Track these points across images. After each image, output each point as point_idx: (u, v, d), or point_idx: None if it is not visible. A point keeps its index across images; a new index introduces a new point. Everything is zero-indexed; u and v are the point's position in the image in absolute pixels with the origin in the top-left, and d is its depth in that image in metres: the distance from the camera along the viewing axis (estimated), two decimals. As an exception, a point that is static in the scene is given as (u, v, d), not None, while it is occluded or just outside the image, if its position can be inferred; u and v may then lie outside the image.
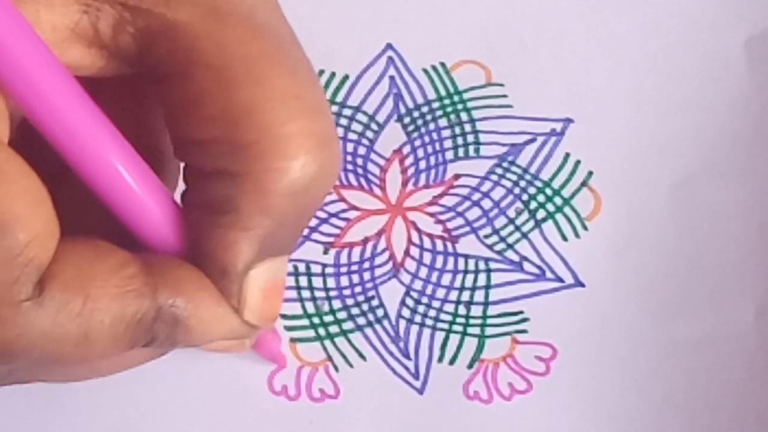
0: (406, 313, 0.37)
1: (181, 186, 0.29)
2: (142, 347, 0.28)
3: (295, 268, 0.37)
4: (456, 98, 0.38)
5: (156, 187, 0.28)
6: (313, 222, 0.37)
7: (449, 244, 0.37)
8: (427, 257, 0.37)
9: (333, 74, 0.38)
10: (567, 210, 0.38)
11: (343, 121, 0.38)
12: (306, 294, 0.37)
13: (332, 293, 0.37)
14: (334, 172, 0.28)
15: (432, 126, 0.38)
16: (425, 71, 0.38)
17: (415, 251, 0.37)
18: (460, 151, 0.38)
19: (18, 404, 0.36)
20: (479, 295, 0.37)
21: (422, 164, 0.38)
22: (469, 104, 0.38)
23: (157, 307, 0.27)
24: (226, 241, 0.27)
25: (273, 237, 0.28)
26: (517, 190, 0.38)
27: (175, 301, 0.27)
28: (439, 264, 0.37)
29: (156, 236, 0.28)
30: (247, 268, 0.28)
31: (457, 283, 0.37)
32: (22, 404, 0.36)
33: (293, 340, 0.37)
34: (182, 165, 0.29)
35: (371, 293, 0.37)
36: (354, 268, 0.37)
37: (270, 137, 0.26)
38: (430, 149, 0.38)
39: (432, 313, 0.37)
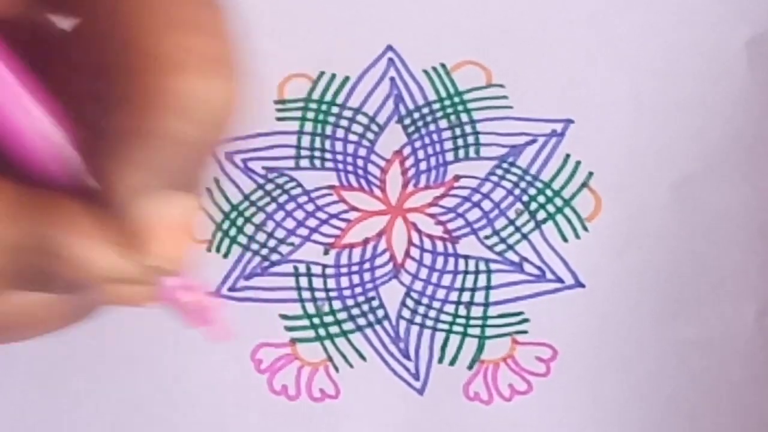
0: (406, 313, 0.38)
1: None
2: (33, 287, 0.27)
3: (296, 268, 0.38)
4: (456, 99, 0.39)
5: (36, 114, 0.26)
6: (314, 223, 0.38)
7: (449, 245, 0.38)
8: (427, 258, 0.38)
9: (333, 75, 0.39)
10: (567, 211, 0.38)
11: (344, 123, 0.39)
12: (306, 294, 0.38)
13: (332, 294, 0.38)
14: (228, 98, 0.26)
15: (432, 127, 0.39)
16: (426, 72, 0.39)
17: (415, 252, 0.38)
18: (461, 152, 0.38)
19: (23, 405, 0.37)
20: (479, 296, 0.38)
21: (423, 165, 0.38)
22: (470, 105, 0.39)
23: (32, 234, 0.26)
24: (107, 170, 0.26)
25: (158, 166, 0.26)
26: (517, 191, 0.38)
27: (51, 230, 0.26)
28: (439, 265, 0.38)
29: (33, 163, 0.27)
30: (132, 199, 0.26)
31: (458, 284, 0.38)
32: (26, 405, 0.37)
33: (293, 341, 0.37)
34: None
35: (371, 294, 0.38)
36: (354, 268, 0.38)
37: (146, 55, 0.25)
38: (430, 150, 0.39)
39: (432, 313, 0.38)
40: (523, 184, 0.38)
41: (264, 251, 0.38)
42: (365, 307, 0.38)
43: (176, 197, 0.26)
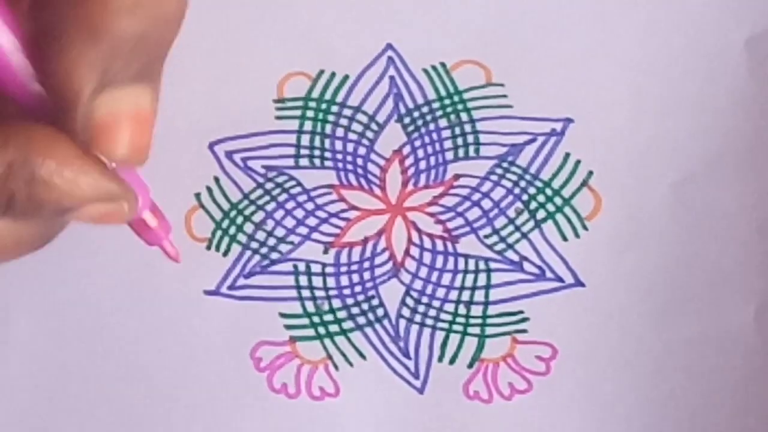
0: (406, 312, 0.38)
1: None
2: (6, 214, 0.28)
3: (295, 267, 0.38)
4: (456, 98, 0.39)
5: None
6: (313, 222, 0.38)
7: (449, 244, 0.38)
8: (427, 257, 0.38)
9: (333, 74, 0.39)
10: (567, 210, 0.38)
11: (344, 121, 0.39)
12: (306, 293, 0.38)
13: (332, 293, 0.38)
14: None
15: (432, 126, 0.39)
16: (425, 71, 0.39)
17: (415, 251, 0.38)
18: (460, 152, 0.39)
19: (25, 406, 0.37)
20: (479, 295, 0.38)
21: (422, 164, 0.39)
22: (469, 104, 0.39)
23: (7, 162, 0.26)
24: (61, 71, 0.26)
25: (113, 60, 0.27)
26: (517, 191, 0.38)
27: (27, 156, 0.27)
28: (439, 264, 0.38)
29: (6, 85, 0.27)
30: (92, 95, 0.27)
31: (457, 283, 0.38)
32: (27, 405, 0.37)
33: (293, 339, 0.37)
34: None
35: (371, 293, 0.38)
36: (354, 267, 0.38)
37: None
38: (430, 149, 0.39)
39: (432, 312, 0.38)
40: (522, 183, 0.39)
41: (264, 250, 0.38)
42: (365, 306, 0.38)
43: (134, 89, 0.27)
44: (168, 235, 0.34)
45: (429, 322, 0.38)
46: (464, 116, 0.39)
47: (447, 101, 0.39)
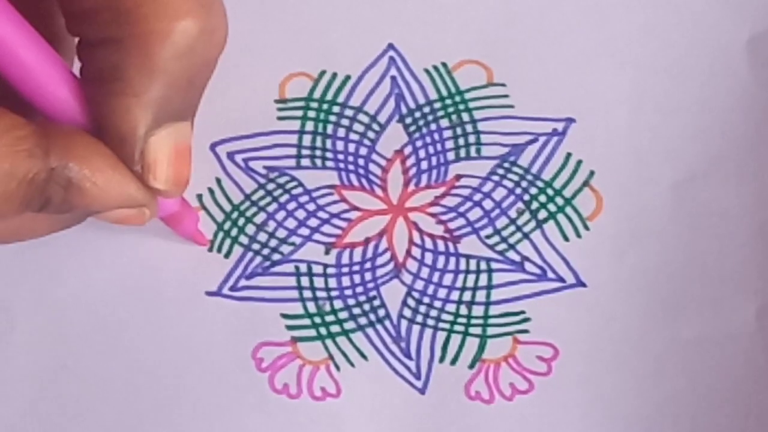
0: (407, 313, 0.38)
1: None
2: (40, 212, 0.29)
3: (297, 268, 0.38)
4: (457, 98, 0.39)
5: (52, 58, 0.29)
6: (315, 222, 0.38)
7: (451, 245, 0.38)
8: (428, 257, 0.38)
9: (335, 75, 0.39)
10: (568, 210, 0.39)
11: (345, 122, 0.39)
12: (308, 294, 0.38)
13: (334, 293, 0.38)
14: (220, 34, 0.30)
15: (433, 126, 0.39)
16: (427, 71, 0.39)
17: (416, 251, 0.38)
18: (462, 152, 0.39)
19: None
20: (481, 295, 0.38)
21: (424, 165, 0.39)
22: (471, 104, 0.39)
23: (48, 168, 0.29)
24: (119, 109, 0.29)
25: (166, 101, 0.29)
26: (518, 191, 0.39)
27: (68, 163, 0.29)
28: (440, 264, 0.38)
29: (54, 106, 0.30)
30: (145, 134, 0.29)
31: (459, 284, 0.38)
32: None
33: (295, 339, 0.38)
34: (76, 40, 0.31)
35: (373, 293, 0.38)
36: (356, 268, 0.38)
37: (150, 1, 0.28)
38: (431, 149, 0.39)
39: (433, 313, 0.38)
40: (524, 184, 0.39)
41: (265, 251, 0.38)
42: (366, 307, 0.38)
43: (176, 127, 0.30)
44: (197, 224, 0.38)
45: (430, 322, 0.38)
46: (466, 116, 0.39)
47: (448, 101, 0.39)
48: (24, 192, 0.28)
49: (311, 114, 0.39)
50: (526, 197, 0.39)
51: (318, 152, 0.39)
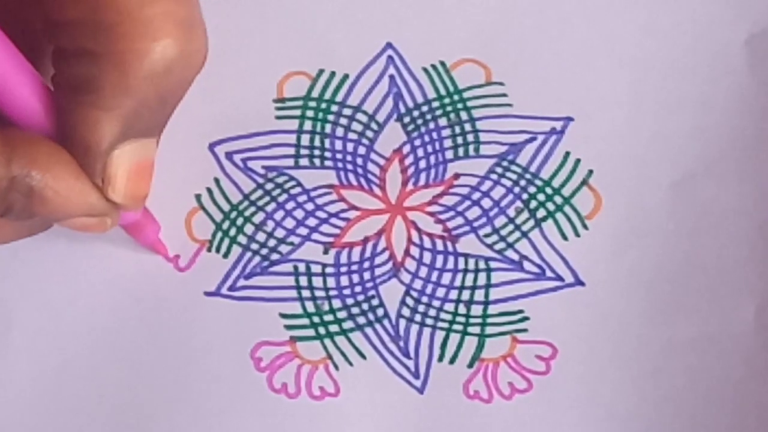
0: (406, 312, 0.38)
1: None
2: (1, 218, 0.30)
3: (296, 268, 0.38)
4: (456, 97, 0.39)
5: (20, 64, 0.30)
6: (313, 222, 0.38)
7: (449, 244, 0.38)
8: (427, 257, 0.38)
9: (333, 73, 0.39)
10: (567, 209, 0.39)
11: (343, 121, 0.39)
12: (306, 294, 0.38)
13: (332, 293, 0.38)
14: (198, 57, 0.30)
15: (432, 125, 0.39)
16: (425, 70, 0.39)
17: (415, 251, 0.38)
18: (460, 151, 0.39)
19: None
20: (479, 295, 0.38)
21: (422, 164, 0.39)
22: (469, 103, 0.39)
23: (10, 177, 0.29)
24: (88, 120, 0.29)
25: (136, 118, 0.29)
26: (517, 190, 0.39)
27: (30, 172, 0.29)
28: (439, 263, 0.38)
29: (19, 112, 0.30)
30: (110, 147, 0.30)
31: (457, 283, 0.38)
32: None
33: (293, 339, 0.38)
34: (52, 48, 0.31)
35: (371, 293, 0.38)
36: (354, 267, 0.38)
37: (131, 19, 0.28)
38: (430, 148, 0.39)
39: (432, 312, 0.38)
40: (522, 182, 0.39)
41: (264, 251, 0.38)
42: (365, 306, 0.38)
43: (141, 143, 0.30)
44: (158, 234, 0.37)
45: (429, 321, 0.38)
46: (464, 115, 0.39)
47: (447, 100, 0.39)
48: None
49: (309, 113, 0.39)
50: (525, 196, 0.39)
51: (316, 152, 0.39)
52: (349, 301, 0.38)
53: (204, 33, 0.30)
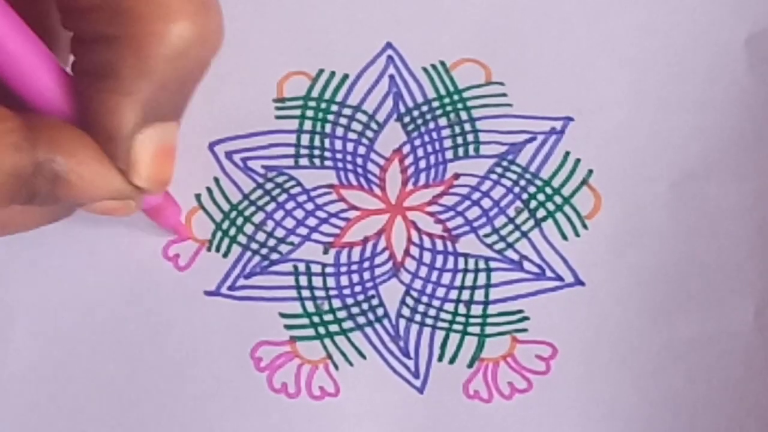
0: (406, 312, 0.38)
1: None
2: (26, 204, 0.30)
3: (295, 267, 0.38)
4: (456, 97, 0.39)
5: (41, 51, 0.30)
6: (313, 222, 0.38)
7: (449, 244, 0.39)
8: (427, 256, 0.39)
9: (333, 73, 0.39)
10: (567, 209, 0.39)
11: (343, 121, 0.39)
12: (306, 293, 0.38)
13: (332, 293, 0.38)
14: (215, 38, 0.30)
15: (432, 125, 0.39)
16: (425, 70, 0.40)
17: (415, 251, 0.39)
18: (460, 151, 0.39)
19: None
20: (479, 294, 0.38)
21: (422, 163, 0.39)
22: (469, 103, 0.39)
23: (35, 162, 0.29)
24: (109, 106, 0.29)
25: (156, 102, 0.29)
26: (517, 189, 0.39)
27: (55, 157, 0.29)
28: (439, 263, 0.38)
29: (42, 99, 0.30)
30: (132, 132, 0.30)
31: (457, 282, 0.38)
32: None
33: (293, 339, 0.38)
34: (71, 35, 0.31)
35: (371, 292, 0.38)
36: (354, 267, 0.38)
37: (147, 2, 0.28)
38: (429, 148, 0.39)
39: (432, 312, 0.38)
40: (522, 182, 0.39)
41: (264, 250, 0.38)
42: (365, 306, 0.38)
43: (163, 127, 0.30)
44: (179, 216, 0.38)
45: (429, 321, 0.38)
46: (464, 115, 0.39)
47: (447, 100, 0.39)
48: (10, 185, 0.29)
49: (309, 113, 0.39)
50: (525, 196, 0.39)
51: (316, 151, 0.39)
52: (349, 300, 0.38)
53: (220, 14, 0.30)
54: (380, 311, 0.38)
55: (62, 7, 0.30)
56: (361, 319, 0.38)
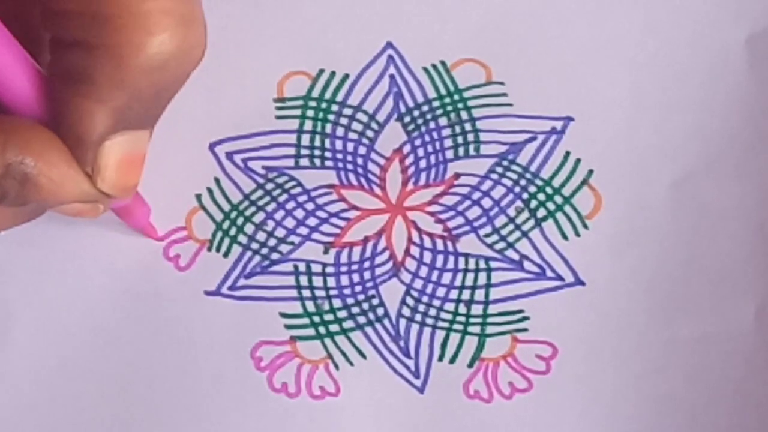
0: (406, 312, 0.38)
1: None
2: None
3: (296, 267, 0.38)
4: (456, 97, 0.39)
5: (16, 50, 0.30)
6: (314, 222, 0.39)
7: (449, 243, 0.39)
8: (427, 256, 0.39)
9: (333, 73, 0.40)
10: (567, 208, 0.39)
11: (344, 121, 0.39)
12: (306, 293, 0.38)
13: (332, 292, 0.38)
14: (195, 52, 0.30)
15: (432, 125, 0.39)
16: (425, 70, 0.40)
17: (415, 250, 0.39)
18: (461, 150, 0.39)
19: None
20: (479, 294, 0.39)
21: (422, 163, 0.39)
22: (470, 103, 0.39)
23: (5, 164, 0.29)
24: (81, 111, 0.29)
25: (129, 110, 0.30)
26: (517, 189, 0.39)
27: (24, 158, 0.29)
28: (439, 263, 0.39)
29: (14, 99, 0.30)
30: (101, 138, 0.30)
31: (458, 282, 0.39)
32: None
33: (293, 338, 0.38)
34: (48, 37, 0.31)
35: (371, 292, 0.38)
36: (354, 267, 0.39)
37: (129, 12, 0.28)
38: (430, 148, 0.39)
39: (432, 312, 0.38)
40: (523, 182, 0.39)
41: (264, 250, 0.39)
42: (365, 306, 0.38)
43: (132, 135, 0.30)
44: (148, 217, 0.38)
45: (429, 321, 0.38)
46: (464, 115, 0.40)
47: (447, 100, 0.40)
48: None
49: (310, 113, 0.39)
50: (525, 196, 0.39)
51: (317, 151, 0.39)
52: (350, 300, 0.39)
53: (203, 29, 0.30)
54: (380, 311, 0.39)
55: (45, 8, 0.30)
56: (362, 319, 0.38)
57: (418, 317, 0.39)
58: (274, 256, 0.39)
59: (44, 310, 0.38)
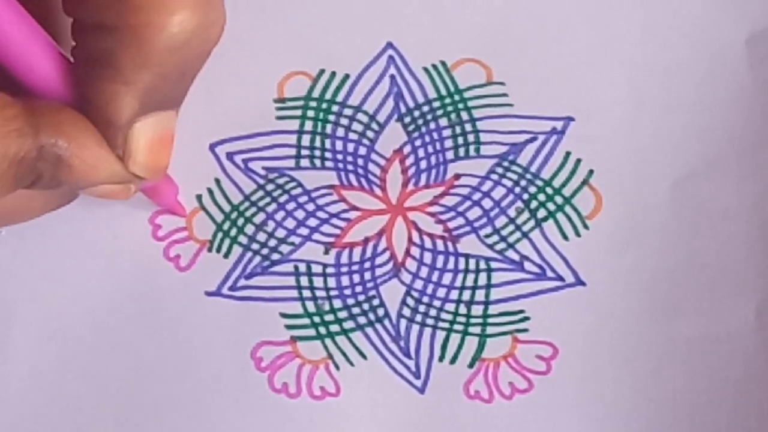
0: (406, 312, 0.39)
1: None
2: (30, 188, 0.31)
3: (296, 268, 0.39)
4: (456, 97, 0.40)
5: (41, 36, 0.30)
6: (314, 222, 0.39)
7: (450, 244, 0.39)
8: (427, 257, 0.39)
9: (333, 74, 0.40)
10: (568, 209, 0.39)
11: (344, 121, 0.39)
12: (307, 294, 0.39)
13: (333, 293, 0.39)
14: (216, 29, 0.30)
15: (432, 125, 0.40)
16: (426, 70, 0.40)
17: (415, 251, 0.39)
18: (461, 151, 0.39)
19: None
20: (480, 295, 0.39)
21: (423, 164, 0.39)
22: (470, 103, 0.40)
23: (39, 146, 0.29)
24: (108, 94, 0.30)
25: (155, 91, 0.30)
26: (517, 190, 0.39)
27: (57, 141, 0.30)
28: (439, 264, 0.39)
29: (42, 84, 0.30)
30: (130, 121, 0.30)
31: (458, 283, 0.39)
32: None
33: (294, 339, 0.38)
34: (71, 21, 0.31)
35: (372, 293, 0.39)
36: (355, 268, 0.39)
37: None
38: (430, 149, 0.39)
39: (433, 312, 0.39)
40: (523, 182, 0.39)
41: (264, 251, 0.39)
42: (366, 306, 0.39)
43: (160, 116, 0.31)
44: (176, 196, 0.38)
45: (430, 321, 0.39)
46: (465, 115, 0.40)
47: (447, 100, 0.40)
48: (15, 171, 0.29)
49: (310, 113, 0.39)
50: (525, 196, 0.39)
51: (317, 152, 0.39)
52: (350, 301, 0.39)
53: (221, 6, 0.30)
54: (381, 311, 0.39)
55: None
56: (362, 320, 0.39)
57: (418, 318, 0.39)
58: (275, 256, 0.39)
59: (44, 310, 0.38)
